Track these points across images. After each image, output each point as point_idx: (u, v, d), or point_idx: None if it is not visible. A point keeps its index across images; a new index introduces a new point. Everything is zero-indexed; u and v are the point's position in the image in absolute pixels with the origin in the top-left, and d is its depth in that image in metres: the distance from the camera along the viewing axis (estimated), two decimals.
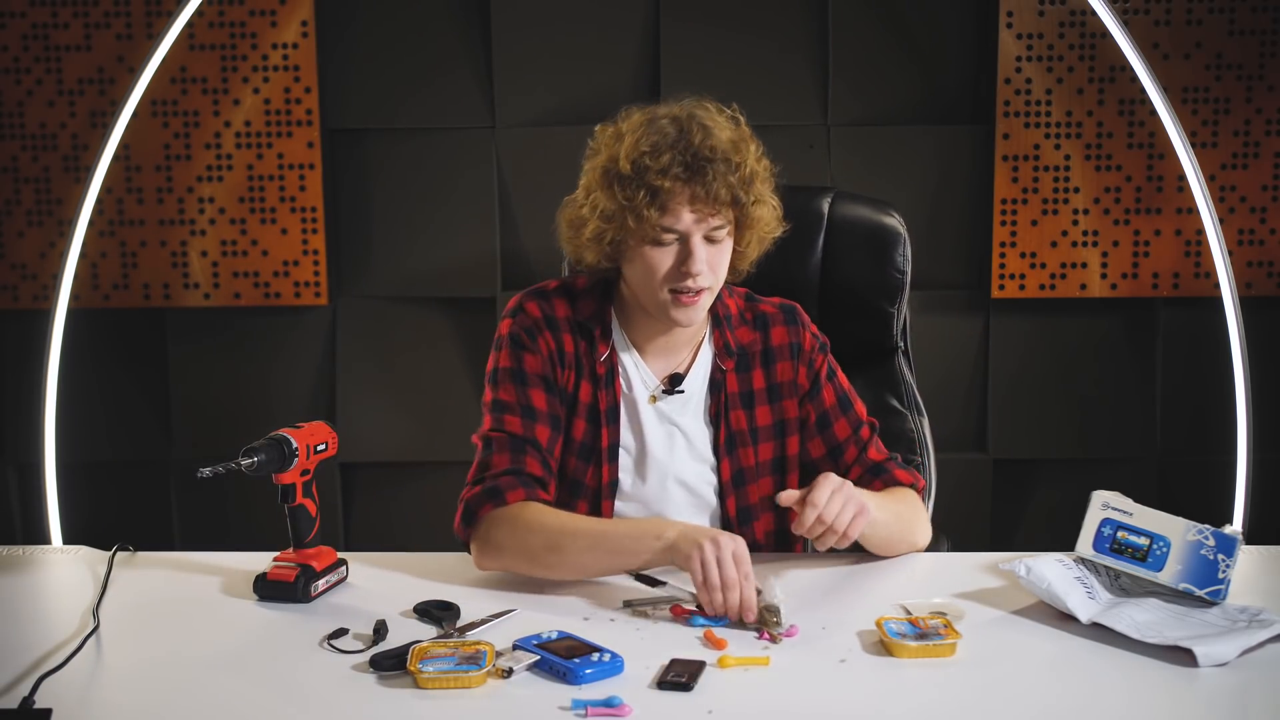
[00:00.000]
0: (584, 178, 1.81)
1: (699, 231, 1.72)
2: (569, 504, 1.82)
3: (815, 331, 1.90)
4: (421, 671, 1.35)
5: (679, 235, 1.73)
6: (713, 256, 1.74)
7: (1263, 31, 2.92)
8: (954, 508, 2.75)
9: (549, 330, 1.81)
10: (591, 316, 1.84)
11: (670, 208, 1.71)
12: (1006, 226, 3.00)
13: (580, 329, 1.83)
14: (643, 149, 1.72)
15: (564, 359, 1.82)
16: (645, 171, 1.70)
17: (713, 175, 1.70)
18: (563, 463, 1.82)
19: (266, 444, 1.61)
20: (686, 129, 1.73)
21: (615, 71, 3.01)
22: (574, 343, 1.83)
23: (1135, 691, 1.35)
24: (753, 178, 1.75)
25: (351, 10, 3.00)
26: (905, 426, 2.12)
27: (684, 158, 1.70)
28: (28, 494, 3.12)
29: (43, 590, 1.73)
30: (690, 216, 1.71)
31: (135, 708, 1.32)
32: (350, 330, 3.12)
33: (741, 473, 1.85)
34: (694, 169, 1.70)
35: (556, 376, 1.81)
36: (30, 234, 3.03)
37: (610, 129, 1.79)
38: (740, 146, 1.75)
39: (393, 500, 3.17)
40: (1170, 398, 3.09)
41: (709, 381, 1.85)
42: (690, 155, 1.70)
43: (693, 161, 1.70)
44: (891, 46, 2.99)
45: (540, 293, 1.86)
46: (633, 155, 1.72)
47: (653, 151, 1.71)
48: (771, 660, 1.42)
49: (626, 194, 1.71)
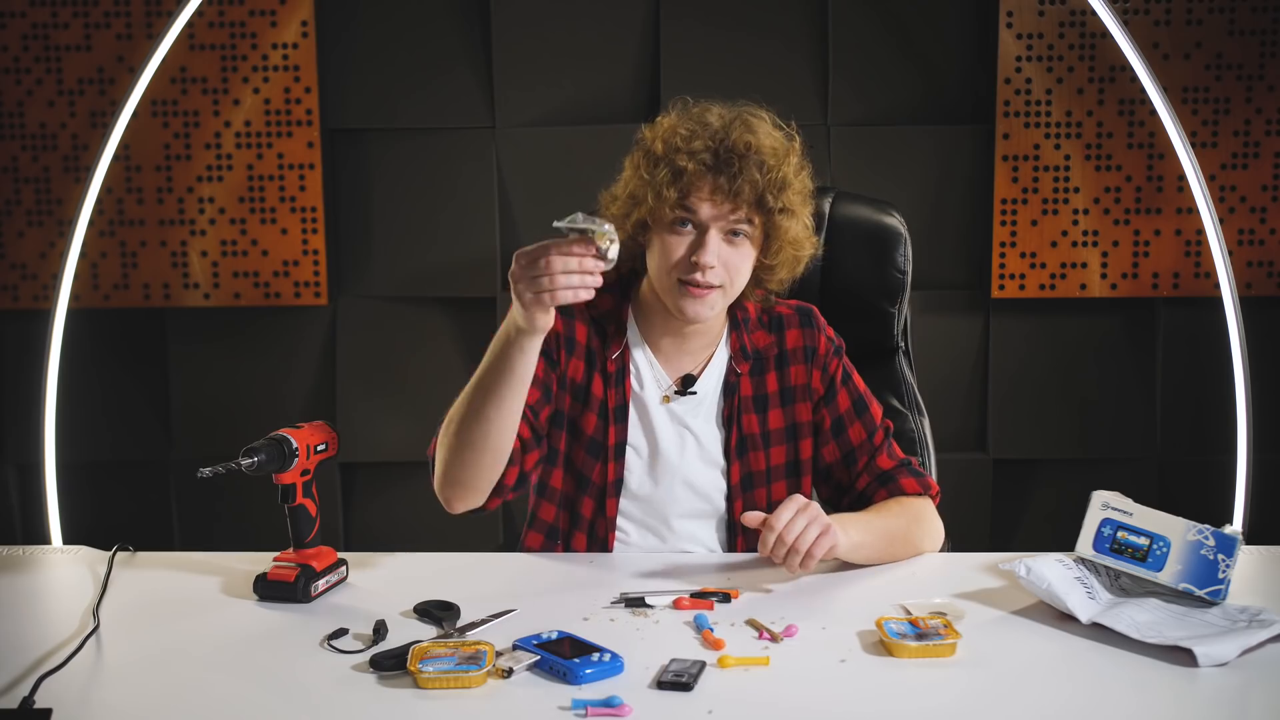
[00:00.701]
0: (627, 161, 1.81)
1: (717, 225, 1.72)
2: (576, 499, 1.83)
3: (831, 334, 1.90)
4: (421, 671, 1.35)
5: (696, 224, 1.73)
6: (729, 256, 1.74)
7: (1263, 31, 2.92)
8: (954, 508, 2.73)
9: (563, 315, 1.81)
10: (608, 313, 1.84)
11: (690, 192, 1.71)
12: (1006, 226, 3.00)
13: (596, 324, 1.84)
14: (680, 132, 1.74)
15: (574, 347, 1.82)
16: (675, 152, 1.72)
17: (739, 169, 1.70)
18: (571, 456, 1.83)
19: (266, 444, 1.61)
20: (729, 123, 1.74)
21: (615, 71, 3.01)
22: (588, 335, 1.83)
23: (1136, 692, 1.35)
24: (785, 185, 1.74)
25: (351, 10, 3.01)
26: (906, 426, 2.12)
27: (715, 147, 1.71)
28: (28, 494, 3.12)
29: (43, 590, 1.73)
30: (709, 207, 1.71)
31: (135, 708, 1.32)
32: (350, 330, 3.12)
33: (751, 476, 1.85)
34: (722, 159, 1.70)
35: (560, 358, 1.81)
36: (30, 234, 3.03)
37: (662, 117, 1.80)
38: (780, 153, 1.75)
39: (393, 500, 3.17)
40: (1170, 398, 3.09)
41: (723, 384, 1.85)
42: (723, 147, 1.71)
43: (723, 153, 1.70)
44: (891, 46, 2.99)
45: None
46: (668, 136, 1.74)
47: (688, 135, 1.73)
48: (771, 660, 1.42)
49: (652, 173, 1.72)
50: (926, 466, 2.11)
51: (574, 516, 1.84)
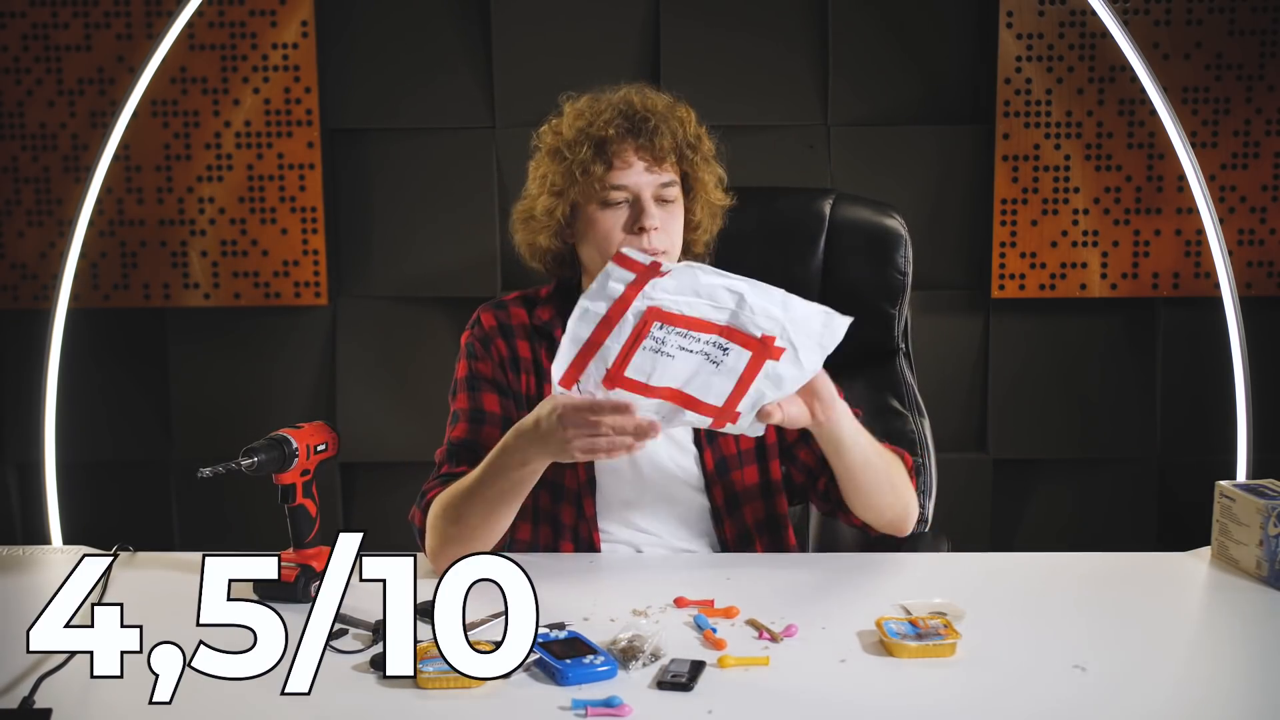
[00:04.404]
0: (531, 167, 1.85)
1: (648, 188, 1.75)
2: (553, 509, 1.84)
3: None
4: (421, 671, 1.35)
5: (629, 194, 1.75)
6: (666, 220, 1.77)
7: (1263, 31, 2.92)
8: (954, 508, 2.75)
9: (502, 338, 1.87)
10: (551, 320, 1.85)
11: (616, 161, 1.74)
12: (1006, 226, 3.00)
13: (539, 333, 1.85)
14: (584, 114, 1.78)
15: (519, 364, 1.85)
16: (589, 128, 1.76)
17: (655, 125, 1.74)
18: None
19: (266, 444, 1.61)
20: (627, 95, 1.79)
21: (615, 71, 2.98)
22: (532, 348, 1.85)
23: (1136, 692, 1.35)
24: (699, 138, 1.80)
25: (351, 10, 3.00)
26: (906, 428, 2.12)
27: (625, 111, 1.76)
28: (28, 494, 3.12)
29: (43, 590, 1.73)
30: (639, 165, 1.74)
31: (135, 707, 1.32)
32: (350, 330, 3.12)
33: (724, 460, 1.85)
34: (636, 121, 1.75)
35: (509, 381, 1.84)
36: (30, 234, 3.03)
37: (553, 119, 1.84)
38: (679, 110, 1.80)
39: (393, 500, 3.16)
40: (1170, 398, 3.09)
41: None
42: (631, 110, 1.76)
43: (634, 115, 1.76)
44: (891, 46, 2.99)
45: (497, 303, 1.92)
46: (575, 121, 1.78)
47: (594, 113, 1.77)
48: (771, 660, 1.42)
49: (572, 154, 1.74)
50: (926, 468, 2.11)
51: (556, 526, 1.84)
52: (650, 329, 1.59)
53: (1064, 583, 1.69)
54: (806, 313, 1.62)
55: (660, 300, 1.60)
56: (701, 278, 1.62)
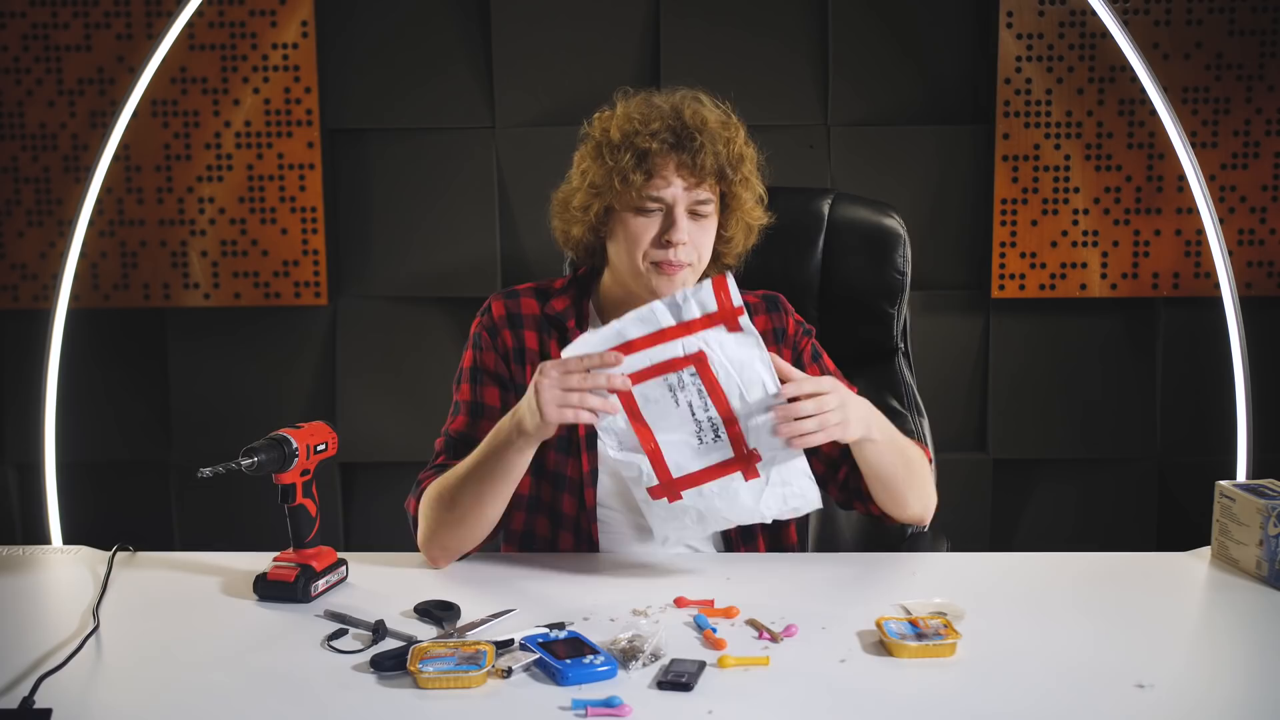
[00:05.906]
0: (576, 157, 1.84)
1: (684, 202, 1.75)
2: (553, 500, 1.83)
3: (799, 319, 1.92)
4: (421, 671, 1.35)
5: (663, 205, 1.75)
6: (696, 233, 1.76)
7: (1263, 31, 2.92)
8: (954, 508, 2.74)
9: (508, 329, 1.86)
10: (565, 310, 1.85)
11: (656, 174, 1.73)
12: (1006, 226, 3.00)
13: (551, 323, 1.85)
14: (634, 117, 1.76)
15: (524, 355, 1.85)
16: (634, 136, 1.74)
17: (700, 144, 1.73)
18: (543, 459, 1.81)
19: (266, 444, 1.61)
20: (679, 105, 1.77)
21: (615, 71, 3.01)
22: (540, 340, 1.84)
23: (1136, 692, 1.35)
24: (741, 158, 1.78)
25: (351, 10, 3.01)
26: (906, 427, 2.12)
27: (674, 125, 1.74)
28: (28, 494, 3.12)
29: (43, 590, 1.73)
30: (678, 183, 1.74)
31: (135, 707, 1.32)
32: (350, 330, 3.12)
33: None
34: (682, 137, 1.73)
35: (512, 374, 1.84)
36: (30, 234, 3.03)
37: (605, 111, 1.83)
38: (729, 127, 1.78)
39: (393, 500, 3.16)
40: (1170, 398, 3.09)
41: None
42: (681, 124, 1.74)
43: (682, 130, 1.74)
44: (891, 46, 2.99)
45: (510, 292, 1.90)
46: (624, 125, 1.76)
47: (644, 119, 1.75)
48: (771, 660, 1.42)
49: (615, 159, 1.74)
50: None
51: (556, 516, 1.84)
52: (684, 369, 1.60)
53: (1064, 583, 1.69)
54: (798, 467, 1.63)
55: (713, 354, 1.60)
56: (757, 363, 1.61)
